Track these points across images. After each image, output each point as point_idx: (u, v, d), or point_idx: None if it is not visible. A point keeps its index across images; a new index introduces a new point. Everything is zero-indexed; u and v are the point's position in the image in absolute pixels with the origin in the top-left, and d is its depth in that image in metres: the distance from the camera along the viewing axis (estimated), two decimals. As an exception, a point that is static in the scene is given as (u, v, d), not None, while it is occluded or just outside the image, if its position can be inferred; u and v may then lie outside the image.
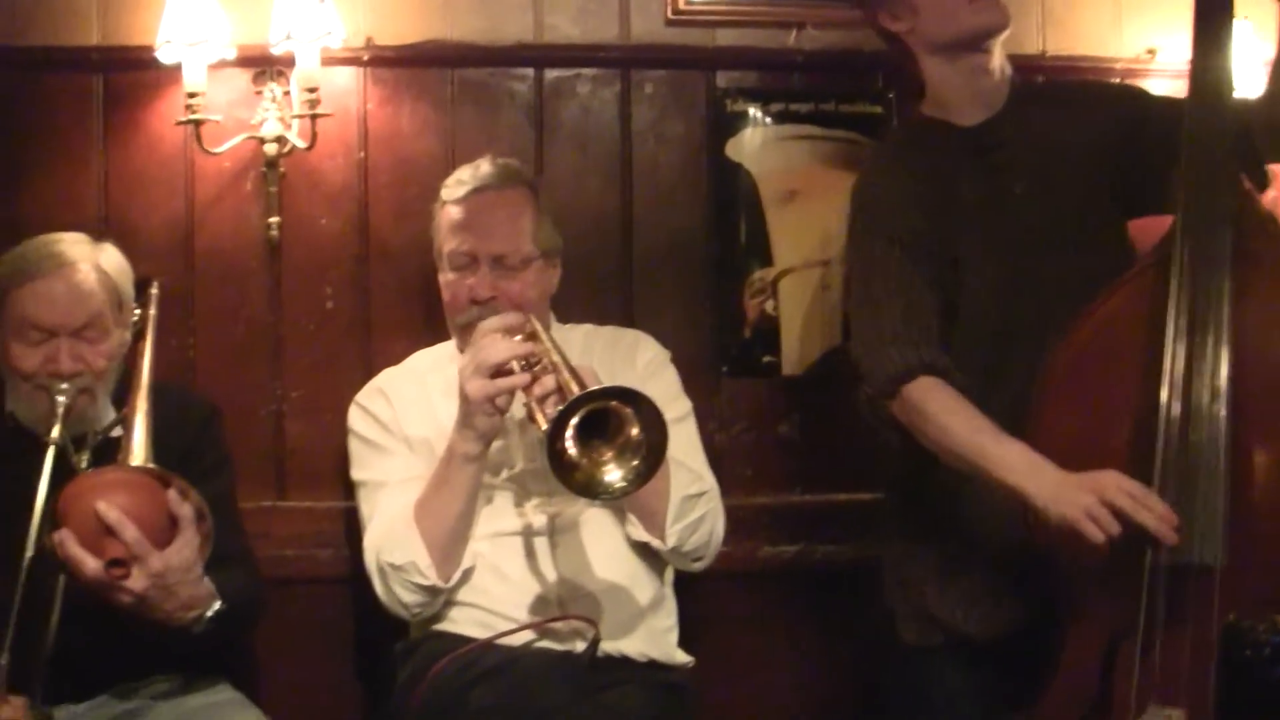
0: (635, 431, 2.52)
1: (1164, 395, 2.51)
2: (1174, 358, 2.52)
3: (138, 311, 2.92)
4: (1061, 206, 2.82)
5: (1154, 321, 2.56)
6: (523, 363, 2.73)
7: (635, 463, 2.53)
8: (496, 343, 2.76)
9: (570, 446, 2.51)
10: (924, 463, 2.81)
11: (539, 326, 2.86)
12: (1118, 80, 3.55)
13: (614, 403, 2.52)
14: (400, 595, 2.87)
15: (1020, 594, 2.76)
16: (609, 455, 2.54)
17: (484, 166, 3.09)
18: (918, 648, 2.93)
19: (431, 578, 2.83)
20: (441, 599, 2.90)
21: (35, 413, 2.74)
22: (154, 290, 2.99)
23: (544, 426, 2.55)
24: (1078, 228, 2.82)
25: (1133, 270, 2.69)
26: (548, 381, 2.65)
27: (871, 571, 3.37)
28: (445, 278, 3.06)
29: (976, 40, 2.85)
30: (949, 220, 2.83)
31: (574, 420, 2.49)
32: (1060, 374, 2.66)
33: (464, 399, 2.76)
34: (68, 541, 2.47)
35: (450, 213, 3.05)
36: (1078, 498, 2.48)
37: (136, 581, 2.50)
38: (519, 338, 2.80)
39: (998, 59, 2.89)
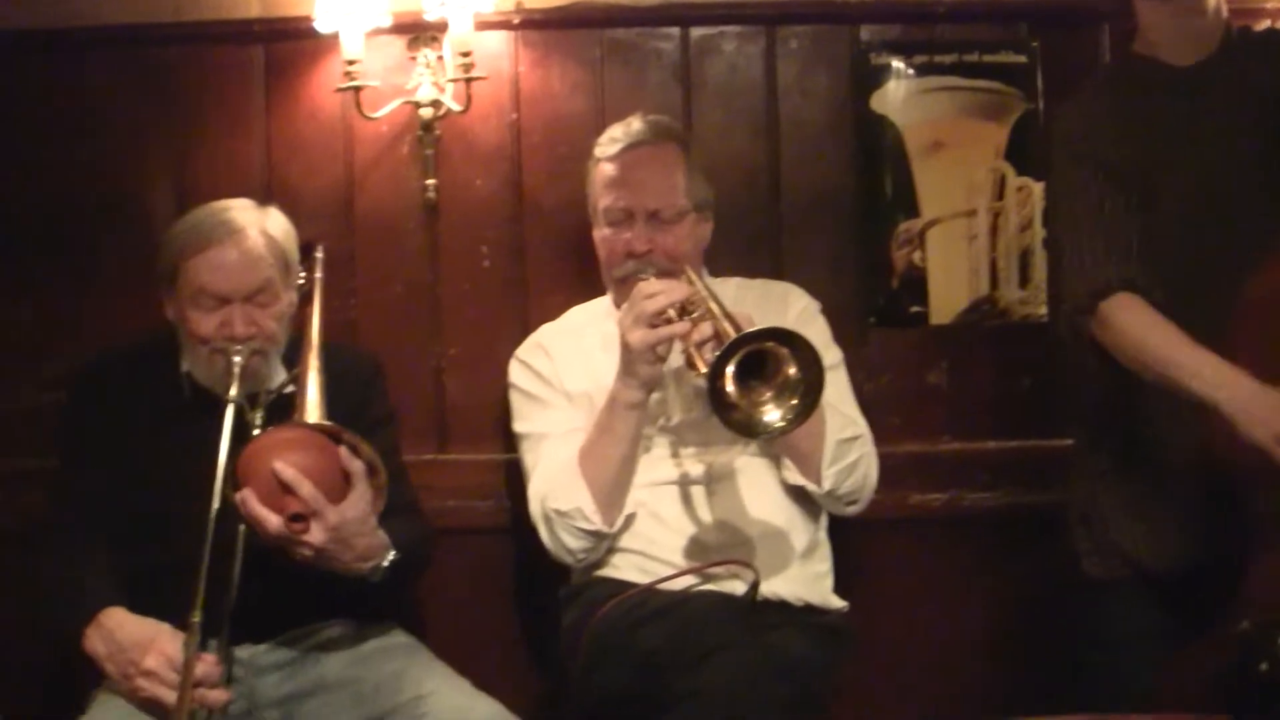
0: (793, 371, 2.57)
1: None
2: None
3: (302, 274, 3.00)
4: (1266, 153, 2.79)
5: None
6: (681, 311, 2.78)
7: (794, 401, 2.58)
8: (655, 293, 2.81)
9: (730, 387, 2.57)
10: (1116, 399, 2.83)
11: (695, 277, 2.92)
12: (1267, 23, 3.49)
13: (770, 344, 2.57)
14: (566, 541, 2.94)
15: (1206, 528, 2.76)
16: (768, 395, 2.59)
17: (636, 123, 3.13)
18: (1103, 582, 2.95)
19: (596, 523, 2.90)
20: (605, 544, 2.96)
21: (212, 374, 2.84)
22: (319, 254, 3.08)
23: (703, 370, 2.61)
24: None
25: None
26: (705, 328, 2.70)
27: (1021, 518, 3.41)
28: (601, 233, 3.12)
29: None
30: (1150, 155, 2.81)
31: (733, 362, 2.55)
32: (1254, 305, 2.65)
33: (626, 349, 2.82)
34: (250, 500, 2.58)
35: (605, 169, 3.10)
36: (1270, 420, 2.48)
37: (315, 535, 2.60)
38: (676, 288, 2.84)
39: (1213, 0, 2.86)
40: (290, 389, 2.82)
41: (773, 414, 2.60)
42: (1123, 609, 2.93)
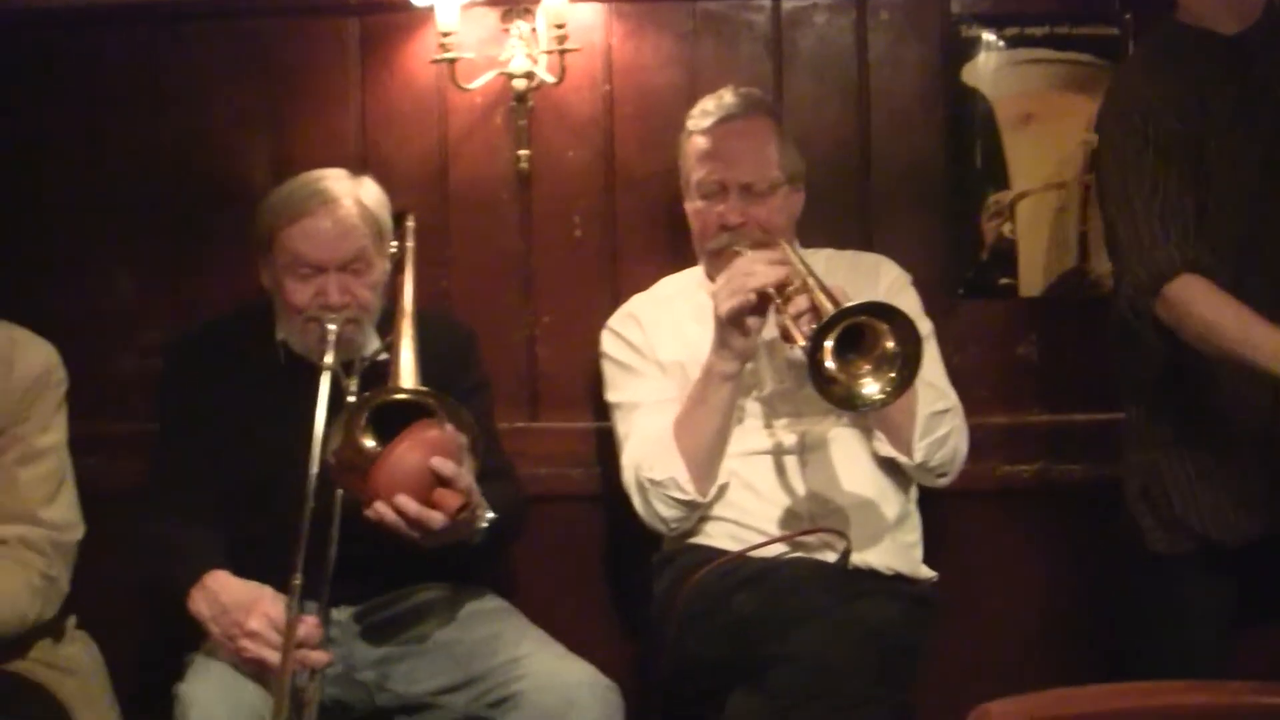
0: (890, 345, 2.59)
1: None
2: None
3: (394, 244, 3.04)
4: None
5: None
6: (778, 285, 2.78)
7: (892, 374, 2.60)
8: (750, 266, 2.83)
9: (829, 361, 2.59)
10: (1175, 370, 2.81)
11: (790, 250, 2.93)
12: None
13: (867, 317, 2.59)
14: (659, 510, 2.97)
15: (1272, 500, 2.76)
16: (866, 369, 2.62)
17: (728, 96, 3.14)
18: (1168, 556, 2.92)
19: (690, 493, 2.93)
20: (698, 514, 2.99)
21: (307, 342, 2.89)
22: (410, 224, 3.12)
23: (801, 344, 2.63)
24: None
25: None
26: (801, 301, 2.71)
27: (1109, 490, 3.39)
28: (693, 205, 3.13)
29: None
30: (1202, 127, 2.80)
31: (831, 336, 2.57)
32: None
33: (719, 321, 2.84)
34: (409, 505, 2.60)
35: (697, 142, 3.11)
36: None
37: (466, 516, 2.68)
38: (774, 264, 2.85)
39: None
40: (384, 357, 2.86)
41: (871, 387, 2.62)
42: (1190, 585, 2.91)
